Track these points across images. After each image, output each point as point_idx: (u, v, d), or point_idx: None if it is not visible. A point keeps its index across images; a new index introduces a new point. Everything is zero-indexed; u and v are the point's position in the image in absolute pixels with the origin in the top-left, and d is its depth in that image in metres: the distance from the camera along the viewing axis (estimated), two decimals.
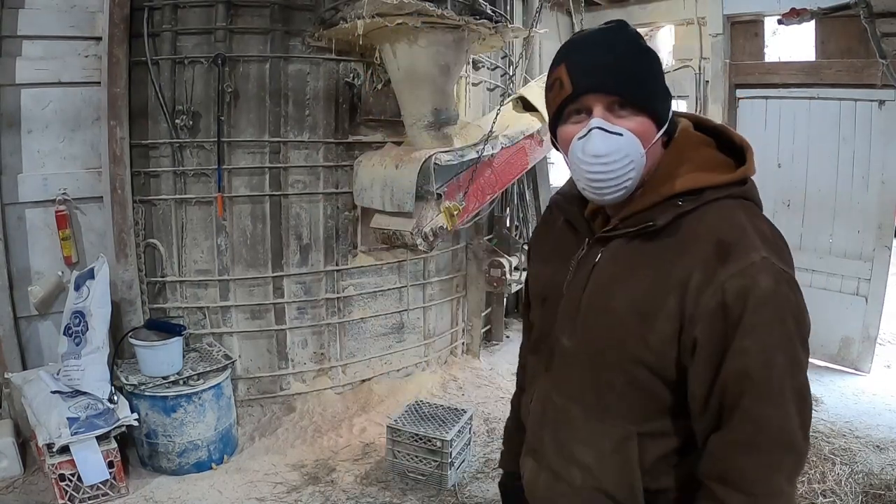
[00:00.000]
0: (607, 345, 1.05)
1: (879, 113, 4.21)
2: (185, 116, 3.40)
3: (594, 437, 1.09)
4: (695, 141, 1.09)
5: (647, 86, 1.03)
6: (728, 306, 0.94)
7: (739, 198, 1.03)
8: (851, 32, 4.15)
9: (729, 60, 4.90)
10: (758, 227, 1.00)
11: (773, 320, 0.94)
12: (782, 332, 0.95)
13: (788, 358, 0.95)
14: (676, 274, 0.98)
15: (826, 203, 4.55)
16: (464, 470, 3.23)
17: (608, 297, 1.06)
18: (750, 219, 1.00)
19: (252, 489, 3.04)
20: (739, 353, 0.94)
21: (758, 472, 0.95)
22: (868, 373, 4.39)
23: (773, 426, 0.94)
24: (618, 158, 1.00)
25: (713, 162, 1.06)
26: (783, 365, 0.94)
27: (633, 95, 1.01)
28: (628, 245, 1.06)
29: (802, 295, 0.98)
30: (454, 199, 3.57)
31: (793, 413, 0.95)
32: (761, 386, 0.94)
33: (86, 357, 3.02)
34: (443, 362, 4.57)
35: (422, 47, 3.25)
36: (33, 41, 3.17)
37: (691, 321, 0.97)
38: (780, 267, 0.96)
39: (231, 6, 3.43)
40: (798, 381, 0.96)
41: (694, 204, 1.01)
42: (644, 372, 1.02)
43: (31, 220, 3.26)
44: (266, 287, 3.73)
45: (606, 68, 1.01)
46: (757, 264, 0.94)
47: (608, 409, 1.07)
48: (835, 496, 2.91)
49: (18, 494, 2.91)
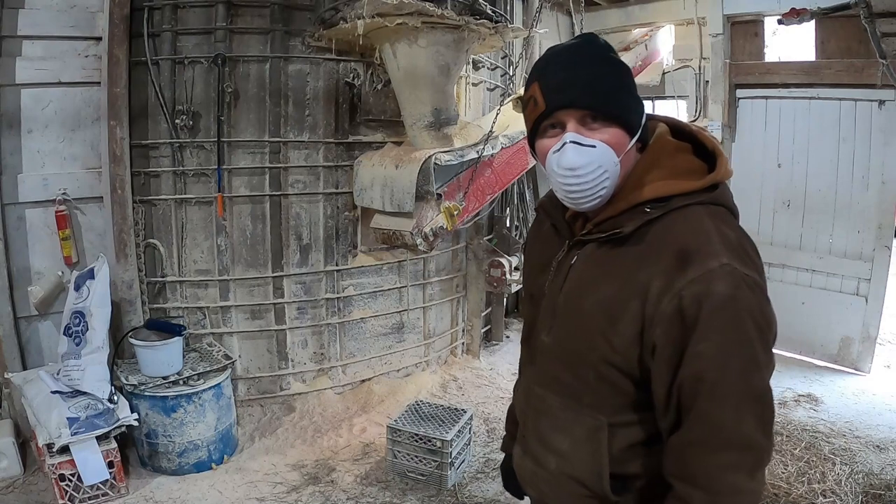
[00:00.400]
0: (579, 343, 1.12)
1: (879, 113, 4.21)
2: (185, 116, 3.40)
3: (569, 426, 1.16)
4: (668, 147, 1.12)
5: (617, 98, 1.07)
6: (684, 311, 0.98)
7: (708, 204, 1.06)
8: (851, 32, 4.15)
9: (729, 60, 4.89)
10: (723, 233, 1.03)
11: (729, 325, 0.97)
12: (739, 336, 0.97)
13: (744, 361, 0.98)
14: (640, 279, 1.03)
15: (826, 203, 4.55)
16: (464, 470, 3.23)
17: (580, 298, 1.12)
18: (716, 225, 1.03)
19: (252, 489, 3.04)
20: (694, 356, 0.98)
21: (715, 471, 0.98)
22: (868, 373, 4.39)
23: (726, 428, 0.98)
24: (592, 170, 1.05)
25: (683, 168, 1.09)
26: (738, 368, 0.97)
27: (604, 108, 1.05)
28: (600, 249, 1.12)
29: (768, 299, 1.02)
30: (454, 199, 3.57)
31: (748, 414, 0.98)
32: (715, 389, 0.97)
33: (86, 357, 3.02)
34: (443, 362, 4.57)
35: (422, 47, 3.24)
36: (33, 41, 3.17)
37: (651, 325, 1.01)
38: (743, 272, 0.99)
39: (231, 6, 3.43)
40: (755, 383, 0.99)
41: (662, 211, 1.05)
42: (611, 369, 1.08)
43: (31, 220, 3.26)
44: (266, 287, 3.73)
45: (576, 84, 1.05)
46: (714, 271, 0.97)
47: (582, 400, 1.13)
48: (835, 496, 2.91)
49: (18, 494, 2.90)
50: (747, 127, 4.93)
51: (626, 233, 1.06)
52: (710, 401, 0.98)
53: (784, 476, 3.06)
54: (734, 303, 0.97)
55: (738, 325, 0.97)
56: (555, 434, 1.19)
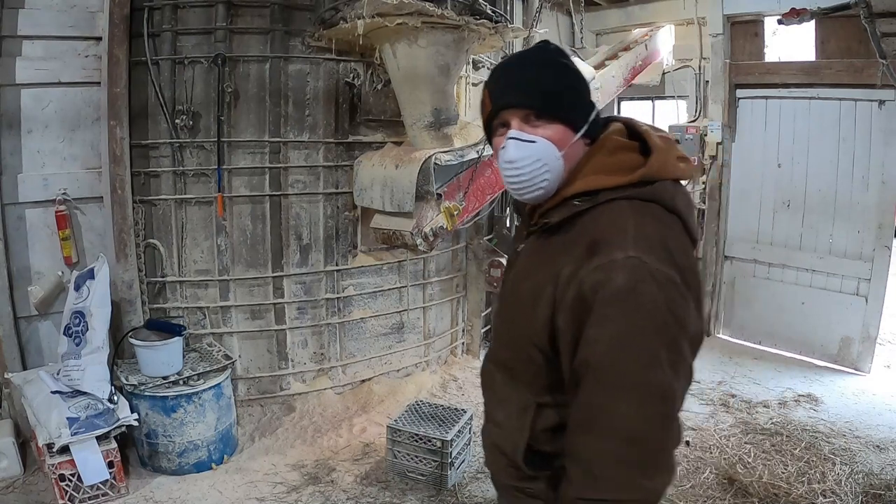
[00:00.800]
0: (515, 325, 1.22)
1: (879, 113, 4.21)
2: (185, 116, 3.39)
3: (506, 401, 1.27)
4: (609, 145, 1.15)
5: (558, 97, 1.14)
6: (583, 298, 1.02)
7: (636, 199, 1.09)
8: (851, 32, 4.15)
9: (729, 60, 4.90)
10: (641, 227, 1.05)
11: (623, 315, 0.99)
12: (633, 328, 0.99)
13: (637, 353, 0.99)
14: (557, 267, 1.09)
15: (826, 203, 4.55)
16: (464, 470, 3.23)
17: (519, 285, 1.22)
18: (637, 219, 1.06)
19: (252, 489, 3.04)
20: (586, 342, 1.03)
21: (595, 455, 1.01)
22: (868, 373, 4.39)
23: (607, 415, 1.00)
24: (530, 163, 1.13)
25: (616, 165, 1.12)
26: (628, 359, 0.99)
27: (545, 107, 1.13)
28: (539, 240, 1.21)
29: (684, 297, 1.02)
30: (454, 199, 3.57)
31: (634, 406, 0.99)
32: (601, 375, 1.01)
33: (86, 357, 3.02)
34: (443, 362, 4.57)
35: (422, 47, 3.24)
36: (33, 41, 3.17)
37: (557, 310, 1.08)
38: (654, 267, 1.00)
39: (231, 6, 3.43)
40: (649, 376, 0.99)
41: (589, 204, 1.11)
42: (535, 351, 1.16)
43: (31, 220, 3.26)
44: (266, 287, 3.73)
45: (520, 85, 1.15)
46: (617, 261, 1.00)
47: (517, 378, 1.24)
48: (835, 496, 2.91)
49: (18, 494, 2.91)
50: (747, 127, 4.93)
51: (553, 223, 1.14)
52: (595, 386, 1.01)
53: (784, 476, 3.06)
54: (633, 295, 0.99)
55: (633, 317, 0.99)
56: (497, 407, 1.31)
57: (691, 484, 3.08)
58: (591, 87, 4.54)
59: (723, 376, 4.41)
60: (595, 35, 6.09)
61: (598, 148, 1.15)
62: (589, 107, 1.18)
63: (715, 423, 3.70)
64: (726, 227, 5.12)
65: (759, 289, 4.97)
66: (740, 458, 3.25)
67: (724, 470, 3.16)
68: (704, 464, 3.25)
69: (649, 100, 5.93)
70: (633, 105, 6.15)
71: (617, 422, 0.99)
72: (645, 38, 5.29)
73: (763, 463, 3.19)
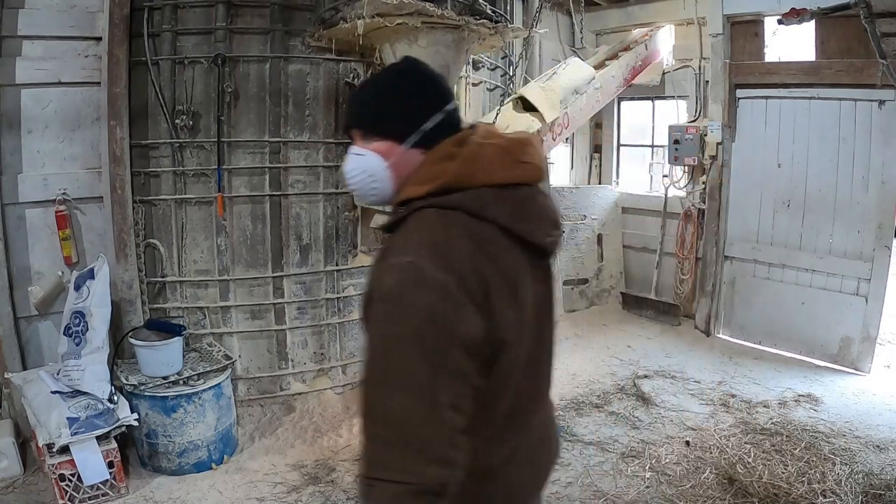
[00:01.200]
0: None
1: (879, 113, 4.21)
2: (185, 116, 3.40)
3: None
4: (435, 155, 1.21)
5: (380, 117, 1.25)
6: (368, 297, 1.11)
7: (439, 207, 1.14)
8: (851, 32, 4.15)
9: (729, 60, 4.89)
10: (430, 234, 1.10)
11: (387, 316, 1.05)
12: (390, 332, 1.05)
13: (396, 353, 1.05)
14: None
15: (826, 203, 4.55)
16: None
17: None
18: (431, 227, 1.12)
19: (252, 489, 3.04)
20: (365, 336, 1.12)
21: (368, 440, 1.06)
22: (868, 373, 4.39)
23: (376, 405, 1.07)
24: (357, 174, 1.27)
25: (430, 175, 1.18)
26: (389, 359, 1.06)
27: (368, 127, 1.26)
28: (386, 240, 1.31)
29: (453, 301, 1.04)
30: None
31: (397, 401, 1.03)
32: (368, 369, 1.09)
33: (86, 357, 3.02)
34: None
35: (422, 47, 3.24)
36: (33, 41, 3.17)
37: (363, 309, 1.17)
38: (427, 273, 1.04)
39: (231, 6, 3.43)
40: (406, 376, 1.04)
41: (407, 212, 1.18)
42: None
43: (31, 220, 3.26)
44: (266, 287, 3.73)
45: (352, 107, 1.35)
46: (395, 266, 1.07)
47: None
48: (835, 496, 2.91)
49: (18, 494, 2.91)
50: (747, 127, 4.93)
51: (387, 226, 1.23)
52: (365, 377, 1.09)
53: (784, 476, 3.06)
54: (399, 298, 1.04)
55: (391, 320, 1.05)
56: None
57: (691, 484, 3.08)
58: (591, 87, 4.57)
59: (723, 376, 4.41)
60: (595, 35, 6.09)
61: (427, 157, 1.22)
62: (413, 120, 1.23)
63: (715, 423, 3.70)
64: (726, 227, 5.12)
65: (759, 289, 4.97)
66: (740, 458, 3.25)
67: (724, 470, 3.16)
68: (704, 464, 3.25)
69: (649, 100, 5.93)
70: (634, 105, 6.15)
71: (383, 413, 1.05)
72: (645, 38, 5.29)
73: (763, 463, 3.19)
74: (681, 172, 5.45)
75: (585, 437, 3.59)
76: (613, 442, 3.53)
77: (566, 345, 5.05)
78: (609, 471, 3.25)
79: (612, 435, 3.61)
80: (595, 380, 4.40)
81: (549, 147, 4.48)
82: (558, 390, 4.22)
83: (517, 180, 1.19)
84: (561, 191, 5.77)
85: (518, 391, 1.20)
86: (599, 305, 5.92)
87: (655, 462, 3.30)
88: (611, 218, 5.99)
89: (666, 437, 3.58)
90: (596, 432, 3.65)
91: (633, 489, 3.08)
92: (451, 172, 1.16)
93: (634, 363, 4.67)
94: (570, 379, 4.42)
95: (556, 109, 4.25)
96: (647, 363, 4.67)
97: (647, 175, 6.02)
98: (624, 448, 3.46)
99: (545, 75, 4.55)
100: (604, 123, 6.29)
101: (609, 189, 6.11)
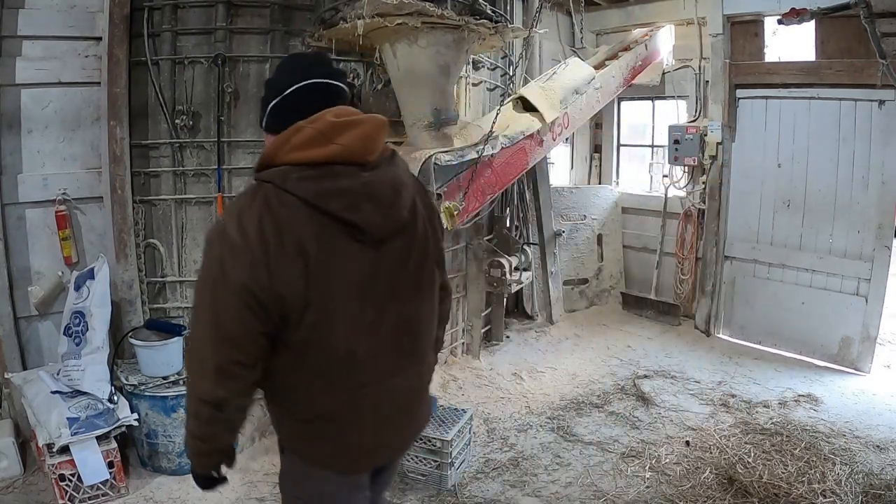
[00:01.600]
0: None
1: (879, 113, 4.21)
2: (185, 116, 3.40)
3: None
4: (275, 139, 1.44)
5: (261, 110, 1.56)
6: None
7: (259, 181, 1.42)
8: (851, 32, 4.15)
9: (729, 60, 4.89)
10: (238, 200, 1.41)
11: (202, 258, 1.42)
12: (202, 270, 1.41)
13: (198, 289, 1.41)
14: None
15: (826, 203, 4.55)
16: (464, 470, 3.23)
17: None
18: (242, 196, 1.43)
19: (252, 489, 3.04)
20: None
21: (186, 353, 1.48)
22: (868, 373, 4.39)
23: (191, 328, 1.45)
24: None
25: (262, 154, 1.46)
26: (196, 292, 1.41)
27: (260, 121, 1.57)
28: None
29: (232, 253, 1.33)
30: (454, 199, 3.57)
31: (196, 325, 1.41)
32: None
33: (86, 357, 3.02)
34: (442, 362, 4.57)
35: (422, 47, 3.24)
36: (33, 41, 3.17)
37: None
38: (225, 229, 1.35)
39: (231, 6, 3.43)
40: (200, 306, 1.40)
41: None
42: None
43: (31, 220, 3.26)
44: None
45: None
46: (216, 223, 1.50)
47: None
48: (835, 496, 2.91)
49: (18, 494, 2.91)
50: (747, 127, 4.93)
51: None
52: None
53: (784, 476, 3.06)
54: (209, 245, 1.40)
55: (203, 262, 1.40)
56: None
57: (691, 484, 3.08)
58: (591, 87, 4.57)
59: (723, 376, 4.41)
60: (595, 35, 6.09)
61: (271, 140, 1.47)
62: (263, 109, 1.54)
63: (715, 423, 3.70)
64: (726, 227, 5.12)
65: (759, 289, 4.98)
66: (740, 458, 3.25)
67: (724, 470, 3.16)
68: (704, 464, 3.25)
69: (649, 100, 5.93)
70: (633, 105, 6.15)
71: (192, 331, 1.43)
72: (645, 39, 5.30)
73: (763, 463, 3.19)
74: (681, 172, 5.45)
75: (585, 437, 3.59)
76: (613, 442, 3.54)
77: (566, 345, 5.06)
78: (609, 471, 3.26)
79: (612, 435, 3.61)
80: (595, 380, 4.40)
81: (548, 148, 4.49)
82: (558, 390, 4.23)
83: (327, 159, 1.36)
84: (561, 191, 5.77)
85: (351, 346, 1.43)
86: (599, 305, 5.92)
87: (655, 462, 3.30)
88: (611, 218, 5.99)
89: (666, 437, 3.58)
90: (596, 432, 3.65)
91: (633, 489, 3.08)
92: (266, 152, 1.43)
93: (634, 363, 4.67)
94: (570, 379, 4.43)
95: (556, 109, 4.25)
96: (647, 363, 4.67)
97: (647, 175, 6.02)
98: (624, 448, 3.46)
99: (545, 75, 4.55)
100: (604, 123, 6.28)
101: (609, 189, 6.11)
